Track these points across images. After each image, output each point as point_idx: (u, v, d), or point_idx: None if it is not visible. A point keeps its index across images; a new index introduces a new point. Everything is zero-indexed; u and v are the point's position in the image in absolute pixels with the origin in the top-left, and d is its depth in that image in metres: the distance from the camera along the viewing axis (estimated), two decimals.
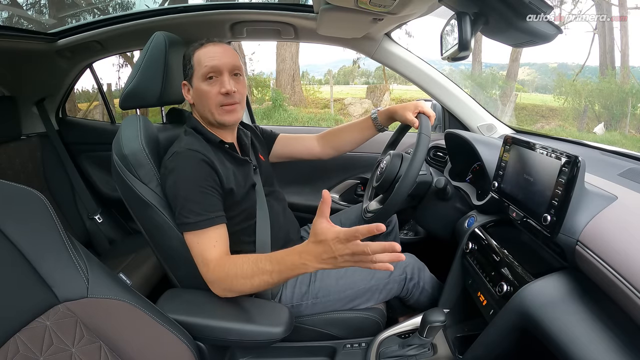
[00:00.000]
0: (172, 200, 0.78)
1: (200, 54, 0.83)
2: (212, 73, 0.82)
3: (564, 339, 0.55)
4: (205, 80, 0.83)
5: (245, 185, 0.88)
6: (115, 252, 1.55)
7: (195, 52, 0.84)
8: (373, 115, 1.08)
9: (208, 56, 0.82)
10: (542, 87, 10.98)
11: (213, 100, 0.83)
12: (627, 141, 6.71)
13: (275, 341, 0.76)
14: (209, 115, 0.85)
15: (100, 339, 0.58)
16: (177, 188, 0.77)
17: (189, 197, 0.76)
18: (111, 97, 7.32)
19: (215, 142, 0.86)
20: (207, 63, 0.82)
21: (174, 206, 0.78)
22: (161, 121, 1.07)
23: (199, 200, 0.76)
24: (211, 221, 0.76)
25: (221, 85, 0.82)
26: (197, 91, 0.84)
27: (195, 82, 0.84)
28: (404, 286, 0.93)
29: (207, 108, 0.84)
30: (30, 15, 6.62)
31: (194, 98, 0.87)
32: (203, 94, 0.83)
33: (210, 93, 0.83)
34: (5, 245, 0.55)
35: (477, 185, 1.04)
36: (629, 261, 0.49)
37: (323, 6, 0.97)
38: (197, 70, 0.83)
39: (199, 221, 0.75)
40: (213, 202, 0.78)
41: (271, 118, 7.47)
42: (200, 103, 0.85)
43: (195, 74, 0.83)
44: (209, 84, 0.83)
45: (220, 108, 0.84)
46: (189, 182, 0.77)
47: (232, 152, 0.89)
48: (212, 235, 0.76)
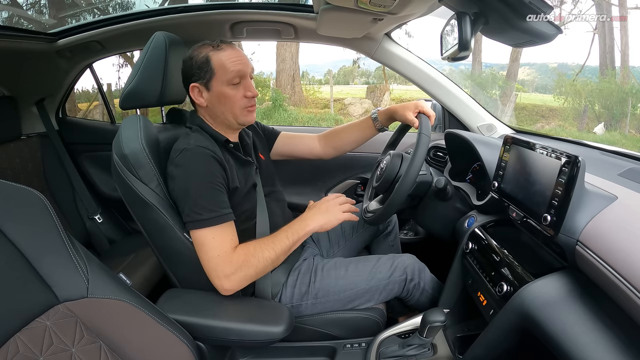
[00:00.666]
0: (181, 197, 0.78)
1: (222, 58, 0.83)
2: (237, 78, 0.84)
3: (563, 339, 0.55)
4: (230, 84, 0.83)
5: (247, 185, 0.88)
6: (115, 252, 1.54)
7: (213, 54, 0.83)
8: (373, 115, 1.08)
9: (232, 60, 0.83)
10: (542, 87, 10.98)
11: (238, 104, 0.85)
12: (627, 141, 6.71)
13: (275, 341, 0.76)
14: (229, 117, 0.86)
15: (100, 339, 0.58)
16: (188, 184, 0.77)
17: (201, 193, 0.76)
18: (111, 97, 7.32)
19: (221, 141, 0.86)
20: (234, 68, 0.83)
21: (183, 203, 0.77)
22: (161, 121, 1.07)
23: (211, 196, 0.77)
24: (225, 217, 0.77)
25: (246, 89, 0.85)
26: (220, 94, 0.84)
27: (216, 86, 0.83)
28: (404, 287, 0.93)
29: (229, 111, 0.85)
30: (30, 15, 6.62)
31: (210, 101, 0.85)
32: (228, 97, 0.84)
33: (236, 97, 0.84)
34: (5, 245, 0.55)
35: (477, 185, 1.04)
36: (629, 261, 0.49)
37: (323, 6, 0.97)
38: (220, 74, 0.83)
39: (212, 217, 0.76)
40: (224, 199, 0.79)
41: (271, 118, 7.47)
42: (220, 106, 0.85)
43: (218, 78, 0.83)
44: (234, 88, 0.84)
45: (245, 110, 0.86)
46: (200, 178, 0.77)
47: (236, 152, 0.89)
48: (227, 230, 0.78)
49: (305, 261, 0.96)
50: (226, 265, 0.75)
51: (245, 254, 0.77)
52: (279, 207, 0.99)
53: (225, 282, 0.76)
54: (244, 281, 0.78)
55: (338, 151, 1.15)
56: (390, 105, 1.06)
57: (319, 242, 1.13)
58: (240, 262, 0.76)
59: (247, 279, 0.78)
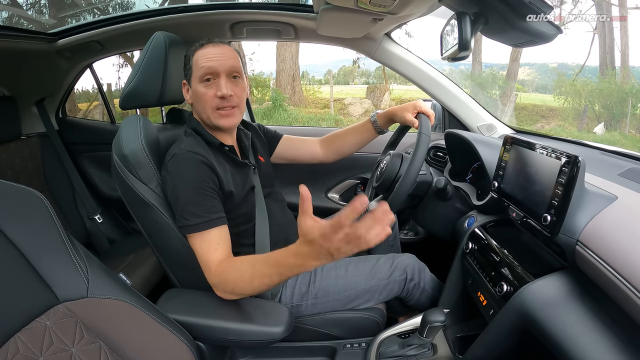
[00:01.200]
0: (172, 202, 0.78)
1: (198, 55, 0.82)
2: (208, 75, 0.81)
3: (563, 339, 0.55)
4: (202, 82, 0.81)
5: (244, 188, 0.88)
6: (115, 252, 1.55)
7: (195, 52, 0.84)
8: (372, 118, 1.08)
9: (205, 57, 0.81)
10: (542, 87, 10.98)
11: (209, 103, 0.82)
12: (627, 141, 6.71)
13: (275, 341, 0.76)
14: (205, 117, 0.85)
15: (100, 339, 0.58)
16: (178, 190, 0.77)
17: (189, 199, 0.76)
18: (111, 97, 7.32)
19: (215, 145, 0.85)
20: (204, 64, 0.80)
21: (174, 208, 0.78)
22: (161, 121, 1.07)
23: (199, 201, 0.76)
24: (212, 222, 0.76)
25: (217, 88, 0.81)
26: (194, 92, 0.84)
27: (193, 83, 0.84)
28: (404, 287, 0.93)
29: (203, 110, 0.84)
30: (30, 15, 6.63)
31: (192, 99, 0.87)
32: (199, 96, 0.82)
33: (206, 95, 0.81)
34: (5, 245, 0.55)
35: (477, 185, 1.04)
36: (629, 261, 0.49)
37: (323, 6, 0.97)
38: (194, 71, 0.82)
39: (199, 223, 0.75)
40: (214, 204, 0.78)
41: (271, 118, 7.47)
42: (197, 104, 0.85)
43: (193, 75, 0.83)
44: (206, 86, 0.82)
45: (217, 112, 0.83)
46: (189, 183, 0.77)
47: (231, 155, 0.88)
48: (214, 237, 0.76)
49: None
50: (210, 276, 0.74)
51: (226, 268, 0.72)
52: (279, 206, 0.99)
53: (214, 290, 0.76)
54: (228, 294, 0.74)
55: (339, 155, 1.15)
56: (389, 108, 1.06)
57: None
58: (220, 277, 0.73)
59: (229, 292, 0.74)
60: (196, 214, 0.75)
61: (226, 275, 0.72)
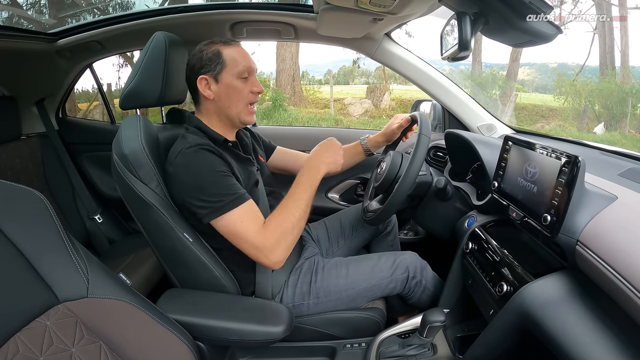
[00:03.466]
0: (192, 194, 0.77)
1: (233, 52, 0.85)
2: (247, 72, 0.86)
3: (563, 339, 0.55)
4: (240, 78, 0.85)
5: (249, 182, 0.88)
6: (115, 252, 1.54)
7: (224, 49, 0.85)
8: (363, 142, 1.16)
9: (242, 56, 0.86)
10: (542, 87, 10.97)
11: (245, 98, 0.87)
12: (627, 141, 6.71)
13: (275, 341, 0.76)
14: (233, 113, 0.87)
15: (100, 339, 0.58)
16: (197, 179, 0.77)
17: (213, 182, 0.76)
18: (111, 97, 7.31)
19: (219, 141, 0.86)
20: (245, 63, 0.86)
21: (194, 199, 0.76)
22: (161, 121, 1.07)
23: (224, 183, 0.77)
24: (244, 197, 0.78)
25: (253, 84, 0.88)
26: (229, 86, 0.85)
27: (226, 78, 0.85)
28: (406, 284, 0.93)
29: (234, 104, 0.86)
30: (30, 15, 6.63)
31: (218, 94, 0.86)
32: (237, 90, 0.86)
33: (244, 91, 0.86)
34: (5, 245, 0.55)
35: (477, 185, 1.04)
36: (629, 261, 0.49)
37: (323, 6, 0.97)
38: (231, 67, 0.85)
39: (233, 199, 0.76)
40: (235, 182, 0.80)
41: (271, 118, 7.46)
42: (227, 99, 0.86)
43: (229, 70, 0.85)
44: (243, 82, 0.86)
45: (247, 107, 0.88)
46: (208, 170, 0.77)
47: (235, 150, 0.89)
48: (251, 207, 0.79)
49: (307, 261, 0.96)
50: (267, 241, 0.76)
51: (277, 223, 0.79)
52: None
53: (273, 256, 0.77)
54: (289, 248, 0.80)
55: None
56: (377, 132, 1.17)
57: (318, 241, 1.13)
58: (278, 233, 0.78)
59: (290, 245, 0.80)
60: (226, 193, 0.76)
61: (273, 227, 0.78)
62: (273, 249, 0.77)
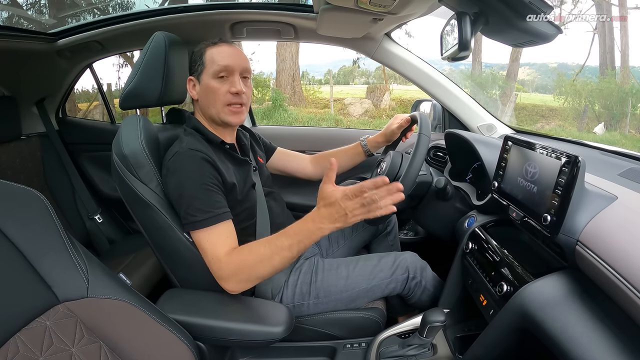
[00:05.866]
0: (176, 200, 0.78)
1: (213, 52, 0.85)
2: (224, 72, 0.84)
3: (563, 339, 0.55)
4: (216, 77, 0.84)
5: (246, 184, 0.88)
6: (115, 252, 1.55)
7: (208, 49, 0.85)
8: (363, 142, 1.16)
9: (222, 55, 0.84)
10: (542, 87, 10.98)
11: (221, 99, 0.84)
12: (627, 141, 6.71)
13: (275, 341, 0.76)
14: (213, 113, 0.86)
15: (100, 339, 0.58)
16: (182, 188, 0.77)
17: (194, 195, 0.76)
18: (111, 97, 7.32)
19: (216, 143, 0.86)
20: (221, 62, 0.83)
21: (178, 206, 0.78)
22: (161, 121, 1.07)
23: (204, 197, 0.76)
24: (218, 217, 0.76)
25: (231, 84, 0.84)
26: (206, 87, 0.85)
27: (204, 79, 0.85)
28: (406, 285, 0.93)
29: (212, 105, 0.85)
30: (30, 15, 6.63)
31: (199, 94, 0.87)
32: (212, 90, 0.84)
33: (220, 91, 0.84)
34: (5, 245, 0.55)
35: (477, 185, 1.04)
36: (629, 261, 0.49)
37: (323, 6, 0.97)
38: (208, 67, 0.84)
39: (206, 218, 0.75)
40: (218, 199, 0.78)
41: (271, 118, 7.46)
42: (206, 100, 0.86)
43: (206, 71, 0.84)
44: (220, 82, 0.84)
45: (227, 107, 0.85)
46: (193, 180, 0.77)
47: (232, 152, 0.89)
48: (222, 231, 0.77)
49: (307, 261, 0.96)
50: (222, 269, 0.75)
51: (242, 256, 0.74)
52: (279, 206, 1.00)
53: (226, 284, 0.76)
54: (247, 282, 0.76)
55: None
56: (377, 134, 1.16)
57: (318, 241, 1.13)
58: (234, 265, 0.74)
59: (247, 279, 0.75)
60: (202, 209, 0.75)
61: (241, 261, 0.73)
62: (227, 278, 0.74)
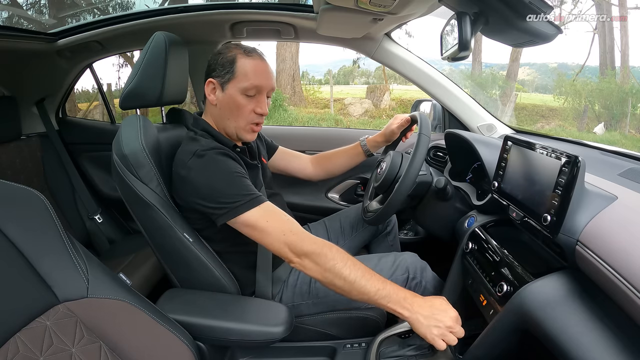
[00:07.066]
0: (208, 195, 0.75)
1: (247, 65, 0.81)
2: (255, 91, 0.82)
3: (563, 339, 0.55)
4: (244, 93, 0.82)
5: (256, 188, 0.88)
6: (115, 252, 1.54)
7: (240, 58, 0.82)
8: (362, 142, 1.16)
9: (256, 72, 0.81)
10: (542, 87, 10.98)
11: (246, 117, 0.83)
12: (627, 141, 6.71)
13: (275, 341, 0.76)
14: (231, 126, 0.85)
15: (100, 339, 0.58)
16: (213, 182, 0.75)
17: (231, 183, 0.75)
18: (111, 97, 7.32)
19: (229, 146, 0.85)
20: (254, 80, 0.81)
21: (212, 200, 0.74)
22: (161, 121, 1.07)
23: (241, 184, 0.76)
24: (261, 198, 0.75)
25: (257, 104, 0.83)
26: (230, 100, 0.82)
27: (230, 89, 0.82)
28: (405, 285, 0.93)
29: (234, 120, 0.84)
30: (30, 15, 6.63)
31: (220, 102, 0.84)
32: (237, 106, 0.82)
33: (246, 108, 0.82)
34: (5, 245, 0.55)
35: (477, 185, 1.04)
36: (629, 261, 0.49)
37: (323, 6, 0.97)
38: (239, 80, 0.81)
39: (253, 198, 0.74)
40: (251, 185, 0.78)
41: (271, 118, 7.46)
42: (228, 112, 0.84)
43: (235, 82, 0.81)
44: (247, 99, 0.82)
45: (249, 126, 0.84)
46: (224, 173, 0.76)
47: (243, 156, 0.88)
48: (274, 208, 0.76)
49: None
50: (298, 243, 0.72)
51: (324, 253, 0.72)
52: (280, 207, 0.99)
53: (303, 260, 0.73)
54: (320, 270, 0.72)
55: (328, 174, 1.20)
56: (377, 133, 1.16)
57: None
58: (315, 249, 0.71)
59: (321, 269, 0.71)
60: (243, 194, 0.74)
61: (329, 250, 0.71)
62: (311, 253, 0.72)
